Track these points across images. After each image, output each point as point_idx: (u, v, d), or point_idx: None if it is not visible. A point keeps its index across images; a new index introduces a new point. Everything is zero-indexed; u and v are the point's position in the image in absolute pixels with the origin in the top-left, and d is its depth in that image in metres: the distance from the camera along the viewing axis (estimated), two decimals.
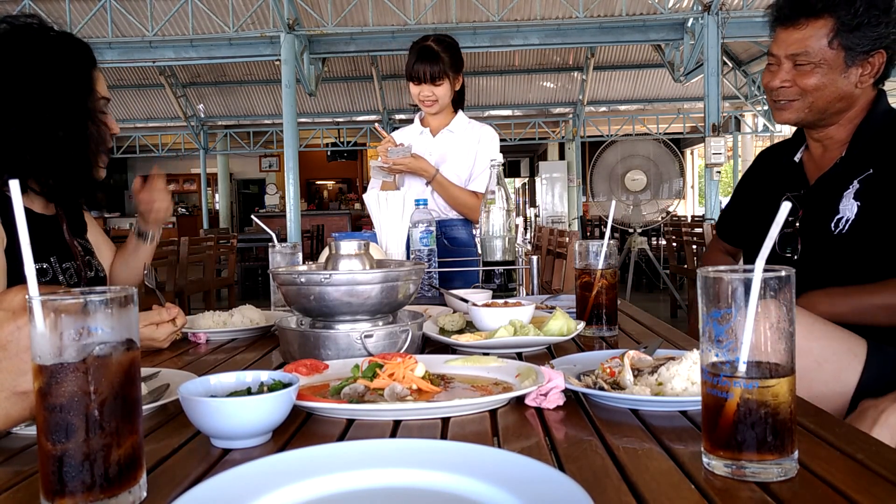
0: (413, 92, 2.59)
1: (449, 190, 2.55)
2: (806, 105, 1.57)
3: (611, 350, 1.15)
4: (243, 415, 0.76)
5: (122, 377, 0.62)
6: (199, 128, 14.17)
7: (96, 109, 1.50)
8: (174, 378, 1.04)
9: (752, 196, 1.79)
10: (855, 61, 1.53)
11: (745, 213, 1.80)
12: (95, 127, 1.49)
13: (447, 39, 2.57)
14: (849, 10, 1.50)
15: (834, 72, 1.53)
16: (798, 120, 1.61)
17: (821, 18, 1.52)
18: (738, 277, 0.65)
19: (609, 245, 1.38)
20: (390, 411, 0.86)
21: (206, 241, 6.23)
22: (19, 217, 0.63)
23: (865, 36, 1.51)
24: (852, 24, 1.50)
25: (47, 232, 1.57)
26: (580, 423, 0.84)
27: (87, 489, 0.60)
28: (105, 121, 1.53)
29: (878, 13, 1.51)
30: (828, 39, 1.52)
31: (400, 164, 2.50)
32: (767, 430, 0.65)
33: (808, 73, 1.55)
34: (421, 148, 2.62)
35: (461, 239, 2.62)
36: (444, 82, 2.52)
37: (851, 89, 1.55)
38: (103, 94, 1.53)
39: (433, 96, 2.54)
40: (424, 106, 2.58)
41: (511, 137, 14.98)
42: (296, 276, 1.17)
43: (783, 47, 1.58)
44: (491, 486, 0.60)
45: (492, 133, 2.66)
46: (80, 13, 8.42)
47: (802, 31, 1.54)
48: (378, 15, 8.29)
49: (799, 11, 1.55)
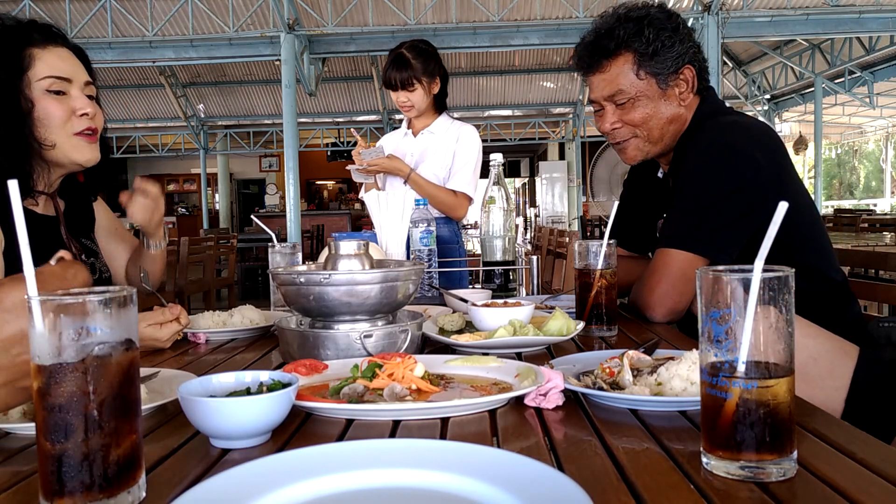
0: (392, 97, 2.75)
1: (425, 188, 2.63)
2: (643, 139, 1.63)
3: (610, 350, 1.15)
4: (242, 415, 0.76)
5: (122, 377, 0.62)
6: (199, 128, 14.16)
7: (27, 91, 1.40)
8: (174, 378, 1.04)
9: (633, 208, 1.85)
10: (668, 83, 1.59)
11: (632, 223, 1.84)
12: (36, 111, 1.40)
13: (421, 45, 2.70)
14: (641, 41, 1.57)
15: (653, 100, 1.60)
16: (644, 156, 1.67)
17: (619, 56, 1.59)
18: (737, 277, 0.65)
19: (609, 245, 1.38)
20: (390, 411, 0.86)
21: (206, 241, 6.22)
22: (18, 217, 0.63)
23: (666, 58, 1.58)
24: (649, 52, 1.57)
25: (48, 233, 1.53)
26: (579, 423, 0.84)
27: (86, 489, 0.60)
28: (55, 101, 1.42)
29: (668, 34, 1.57)
30: (634, 72, 1.58)
31: (374, 164, 2.63)
32: (766, 430, 0.65)
33: (631, 109, 1.61)
34: (402, 148, 2.77)
35: (444, 237, 2.67)
36: (418, 88, 2.67)
37: (677, 109, 1.62)
38: (52, 73, 1.42)
39: (409, 101, 2.70)
40: (403, 110, 2.75)
41: (511, 137, 14.98)
42: (295, 276, 1.17)
43: (597, 92, 1.64)
44: (490, 486, 0.60)
45: (471, 132, 2.77)
46: (80, 13, 8.42)
47: (608, 72, 1.61)
48: (378, 15, 8.28)
49: (598, 55, 1.62)
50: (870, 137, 20.00)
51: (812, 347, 1.27)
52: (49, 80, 1.42)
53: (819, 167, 10.91)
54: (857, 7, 7.94)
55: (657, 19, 1.58)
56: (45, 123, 1.42)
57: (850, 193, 23.50)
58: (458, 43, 8.37)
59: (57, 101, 1.43)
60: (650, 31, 1.56)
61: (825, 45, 10.81)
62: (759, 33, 8.33)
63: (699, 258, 1.46)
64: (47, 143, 1.42)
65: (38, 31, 1.45)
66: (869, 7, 7.93)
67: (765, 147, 1.51)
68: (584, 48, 1.65)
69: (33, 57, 1.42)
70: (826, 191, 20.81)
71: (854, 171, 23.99)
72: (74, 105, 1.45)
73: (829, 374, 1.27)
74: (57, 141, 1.43)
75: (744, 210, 1.47)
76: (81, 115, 1.45)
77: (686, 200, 1.52)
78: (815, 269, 1.51)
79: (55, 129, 1.43)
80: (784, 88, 12.53)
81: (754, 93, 12.81)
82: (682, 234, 1.49)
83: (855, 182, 23.88)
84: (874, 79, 11.24)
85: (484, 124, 14.84)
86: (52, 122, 1.42)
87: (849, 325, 1.55)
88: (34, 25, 1.46)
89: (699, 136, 1.56)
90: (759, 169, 1.47)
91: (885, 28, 8.14)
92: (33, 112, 1.40)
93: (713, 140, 1.53)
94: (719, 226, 1.47)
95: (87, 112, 1.46)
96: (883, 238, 5.28)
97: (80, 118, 1.45)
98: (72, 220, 1.62)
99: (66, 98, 1.45)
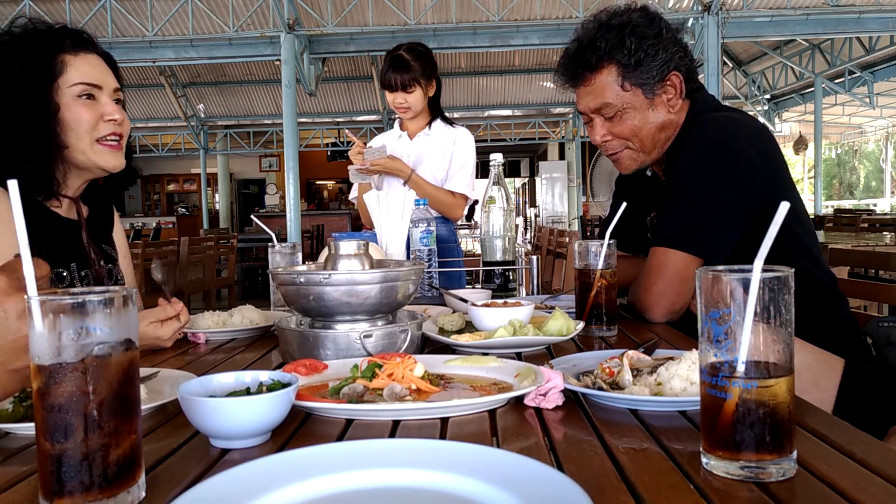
0: (388, 99, 2.75)
1: (425, 189, 2.65)
2: (636, 150, 1.61)
3: (610, 350, 1.15)
4: (242, 415, 0.76)
5: (121, 377, 0.62)
6: (199, 128, 14.17)
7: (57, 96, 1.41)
8: (174, 378, 1.04)
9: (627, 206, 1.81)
10: (654, 92, 1.56)
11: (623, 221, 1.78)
12: (65, 115, 1.41)
13: (419, 48, 2.71)
14: (623, 52, 1.53)
15: (641, 110, 1.57)
16: (639, 166, 1.66)
17: (602, 68, 1.55)
18: (736, 277, 0.65)
19: (609, 245, 1.38)
20: (389, 411, 0.86)
21: (206, 241, 6.22)
22: (18, 217, 0.63)
23: (650, 68, 1.54)
24: (632, 63, 1.53)
25: (70, 236, 1.53)
26: (579, 423, 0.84)
27: (86, 489, 0.60)
28: (84, 107, 1.43)
29: (651, 43, 1.54)
30: (619, 84, 1.55)
31: (377, 164, 2.63)
32: (766, 430, 0.65)
33: (619, 121, 1.58)
34: (399, 150, 2.77)
35: (442, 236, 2.68)
36: (416, 89, 2.68)
37: (666, 116, 1.59)
38: (84, 79, 1.44)
39: (406, 103, 2.70)
40: (399, 111, 2.74)
41: (511, 137, 14.98)
42: (295, 276, 1.17)
43: (584, 104, 1.61)
44: (490, 486, 0.60)
45: (467, 135, 2.80)
46: (80, 13, 8.42)
47: (592, 85, 1.57)
48: (378, 15, 8.28)
49: (581, 67, 1.58)
50: (870, 137, 20.00)
51: (796, 359, 1.28)
52: (80, 87, 1.44)
53: (819, 167, 10.92)
54: (857, 7, 7.94)
55: (638, 26, 1.54)
56: (73, 128, 1.43)
57: (850, 193, 23.50)
58: (458, 43, 8.37)
59: (87, 107, 1.45)
60: (631, 41, 1.52)
61: (825, 45, 10.81)
62: (759, 33, 8.33)
63: (694, 258, 1.46)
64: (74, 147, 1.44)
65: (70, 37, 1.47)
66: (869, 7, 7.93)
67: (756, 143, 1.51)
68: (567, 60, 1.62)
69: (65, 63, 1.44)
70: (826, 191, 20.82)
71: (854, 171, 23.99)
72: (104, 110, 1.46)
73: (813, 388, 1.27)
74: (84, 146, 1.45)
75: (737, 206, 1.46)
76: (109, 120, 1.47)
77: (679, 198, 1.52)
78: (802, 269, 1.50)
79: (83, 133, 1.44)
80: (784, 88, 12.54)
81: (754, 93, 12.82)
82: (676, 233, 1.49)
83: (855, 182, 23.88)
84: (874, 79, 11.24)
85: (484, 124, 14.85)
86: (81, 126, 1.44)
87: (839, 327, 1.55)
88: (66, 31, 1.48)
89: (691, 133, 1.55)
90: (751, 165, 1.47)
91: (885, 28, 8.15)
92: (61, 116, 1.42)
93: (705, 136, 1.52)
94: (712, 224, 1.47)
95: (115, 118, 1.47)
96: (883, 238, 5.28)
97: (108, 123, 1.47)
98: (92, 224, 1.61)
99: (95, 103, 1.46)
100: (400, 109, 2.72)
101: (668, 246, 1.48)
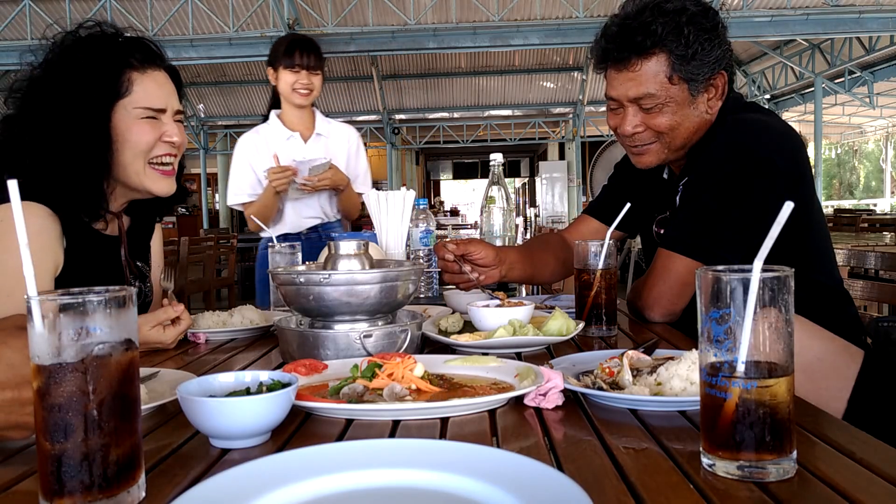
0: (287, 80, 2.55)
1: (352, 196, 2.61)
2: (664, 146, 1.51)
3: (610, 350, 1.15)
4: (242, 415, 0.76)
5: (121, 377, 0.62)
6: (199, 128, 14.16)
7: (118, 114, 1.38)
8: (174, 378, 1.04)
9: (626, 195, 1.67)
10: (699, 90, 1.46)
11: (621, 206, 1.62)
12: (124, 135, 1.38)
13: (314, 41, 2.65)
14: (679, 42, 1.40)
15: (683, 107, 1.46)
16: (661, 162, 1.56)
17: (653, 56, 1.42)
18: (736, 277, 0.65)
19: (609, 245, 1.38)
20: (389, 411, 0.86)
21: (206, 241, 6.23)
22: (17, 217, 0.63)
23: (703, 63, 1.43)
24: (687, 54, 1.41)
25: (109, 255, 1.50)
26: (579, 423, 0.84)
27: (86, 489, 0.60)
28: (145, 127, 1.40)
29: (708, 37, 1.42)
30: (667, 75, 1.42)
31: (324, 179, 2.49)
32: (766, 430, 0.65)
33: (658, 114, 1.46)
34: (295, 155, 2.59)
35: None
36: (320, 74, 2.57)
37: (703, 117, 1.49)
38: (149, 103, 1.40)
39: (311, 85, 2.56)
40: (299, 95, 2.57)
41: (511, 137, 14.98)
42: (295, 276, 1.17)
43: (621, 91, 1.47)
44: (490, 485, 0.60)
45: (356, 133, 2.76)
46: (80, 13, 8.42)
47: (637, 72, 1.43)
48: (378, 15, 8.29)
49: (628, 50, 1.43)
50: (870, 137, 20.01)
51: (818, 348, 1.27)
52: (144, 110, 1.40)
53: (819, 167, 10.90)
54: (857, 7, 7.94)
55: (695, 15, 1.42)
56: (130, 147, 1.40)
57: (849, 193, 23.51)
58: (458, 43, 8.37)
59: (148, 126, 1.41)
60: (689, 31, 1.40)
61: (825, 45, 10.80)
62: (759, 33, 8.33)
63: (700, 265, 1.43)
64: (128, 167, 1.41)
65: (139, 51, 1.43)
66: (869, 7, 7.93)
67: (786, 150, 1.41)
68: (610, 40, 1.46)
69: (132, 81, 1.40)
70: (826, 191, 20.82)
71: (854, 171, 23.99)
72: (164, 130, 1.43)
73: (833, 375, 1.26)
74: (138, 167, 1.41)
75: (756, 217, 1.38)
76: (167, 141, 1.44)
77: (695, 203, 1.46)
78: (814, 273, 1.49)
79: (139, 154, 1.41)
80: (784, 88, 12.53)
81: (754, 93, 12.81)
82: (686, 238, 1.44)
83: (855, 182, 23.89)
84: (874, 79, 11.23)
85: (484, 124, 14.84)
86: (139, 147, 1.40)
87: (846, 327, 1.55)
88: (135, 44, 1.44)
89: (718, 135, 1.47)
90: (775, 174, 1.39)
91: (885, 28, 8.15)
92: (120, 136, 1.39)
93: (731, 141, 1.44)
94: (725, 235, 1.42)
95: (174, 140, 1.44)
96: (883, 238, 5.28)
97: (164, 143, 1.44)
98: (132, 235, 1.58)
99: (157, 123, 1.43)
100: (301, 92, 2.56)
101: (675, 249, 1.45)
